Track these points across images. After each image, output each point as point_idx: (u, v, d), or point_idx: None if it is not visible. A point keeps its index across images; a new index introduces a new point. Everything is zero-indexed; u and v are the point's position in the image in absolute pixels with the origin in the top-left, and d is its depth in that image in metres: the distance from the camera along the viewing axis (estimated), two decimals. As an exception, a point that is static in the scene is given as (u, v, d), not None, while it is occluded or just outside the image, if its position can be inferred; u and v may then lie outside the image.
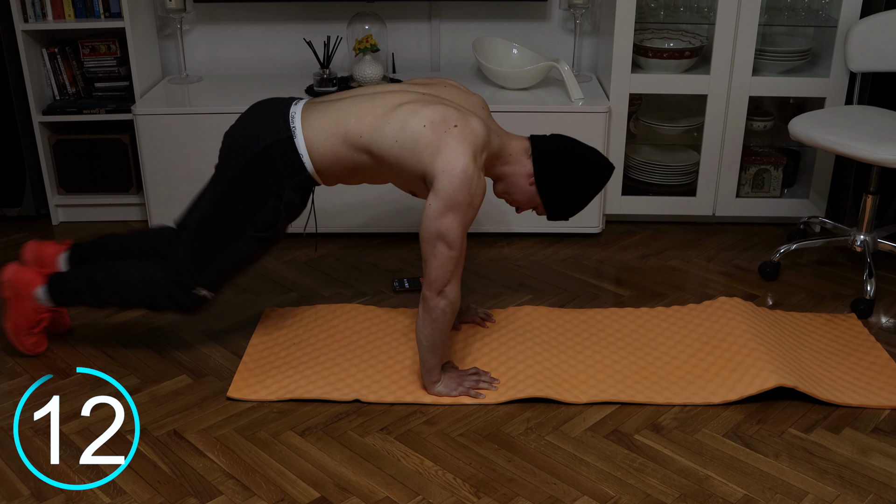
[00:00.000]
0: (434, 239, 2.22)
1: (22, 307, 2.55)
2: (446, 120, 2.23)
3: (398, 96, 2.33)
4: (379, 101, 2.32)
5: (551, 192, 2.40)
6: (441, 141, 2.21)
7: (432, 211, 2.21)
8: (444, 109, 2.26)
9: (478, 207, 2.24)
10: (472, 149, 2.22)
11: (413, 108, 2.26)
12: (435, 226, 2.21)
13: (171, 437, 2.29)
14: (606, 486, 2.10)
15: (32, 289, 2.54)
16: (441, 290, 2.26)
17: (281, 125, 2.33)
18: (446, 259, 2.23)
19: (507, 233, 3.41)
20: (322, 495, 2.08)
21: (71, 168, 3.49)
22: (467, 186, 2.19)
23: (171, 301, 2.47)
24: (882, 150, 2.69)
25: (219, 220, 2.40)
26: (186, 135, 3.24)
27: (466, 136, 2.22)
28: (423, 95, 2.35)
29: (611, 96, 3.30)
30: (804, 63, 3.36)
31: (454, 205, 2.19)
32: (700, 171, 3.40)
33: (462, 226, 2.22)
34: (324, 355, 2.61)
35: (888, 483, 2.10)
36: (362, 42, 3.36)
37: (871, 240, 3.03)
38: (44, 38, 3.45)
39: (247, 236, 2.39)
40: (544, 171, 2.38)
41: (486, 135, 2.28)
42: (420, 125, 2.23)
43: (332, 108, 2.34)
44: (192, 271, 2.44)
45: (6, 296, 2.56)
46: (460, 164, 2.19)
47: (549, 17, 3.60)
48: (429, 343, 2.33)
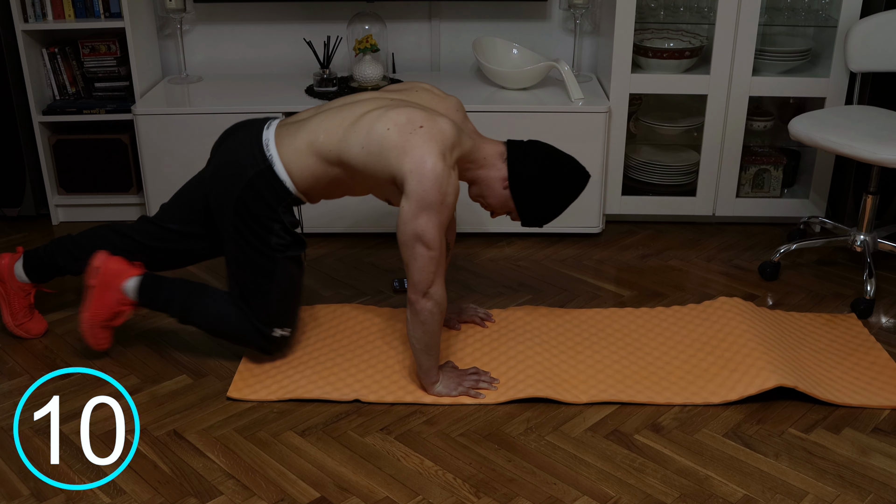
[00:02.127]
0: (412, 241, 2.22)
1: (107, 297, 2.53)
2: (412, 121, 2.24)
3: (366, 104, 2.34)
4: (347, 112, 2.34)
5: (525, 197, 2.40)
6: (406, 142, 2.21)
7: (406, 213, 2.21)
8: (410, 111, 2.26)
9: (452, 205, 2.24)
10: (440, 147, 2.21)
11: (378, 114, 2.27)
12: (411, 228, 2.21)
13: (171, 437, 2.29)
14: (606, 486, 2.10)
15: (122, 280, 2.53)
16: (426, 291, 2.26)
17: (257, 155, 2.36)
18: (426, 260, 2.23)
19: (507, 233, 3.41)
20: (322, 495, 2.08)
21: (71, 168, 3.49)
22: (438, 185, 2.19)
23: (259, 348, 2.52)
24: (882, 150, 2.69)
25: (249, 266, 2.42)
26: (186, 135, 3.24)
27: (434, 136, 2.22)
28: (392, 101, 2.35)
29: (611, 96, 3.30)
30: (804, 63, 3.36)
31: (427, 204, 2.19)
32: (700, 171, 3.40)
33: (437, 225, 2.22)
34: (324, 355, 2.61)
35: (888, 483, 2.10)
36: (362, 42, 3.36)
37: (871, 240, 3.03)
38: (44, 38, 3.45)
39: (279, 260, 2.41)
40: (519, 176, 2.38)
41: (455, 134, 2.27)
42: (384, 128, 2.24)
43: (303, 128, 2.36)
44: (260, 318, 2.46)
45: (92, 283, 2.53)
46: (429, 163, 2.19)
47: (549, 17, 3.60)
48: (422, 346, 2.33)
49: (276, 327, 2.47)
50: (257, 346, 2.51)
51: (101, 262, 2.53)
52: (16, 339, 2.74)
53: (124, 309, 2.55)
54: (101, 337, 2.57)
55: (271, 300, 2.43)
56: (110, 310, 2.54)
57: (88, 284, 2.54)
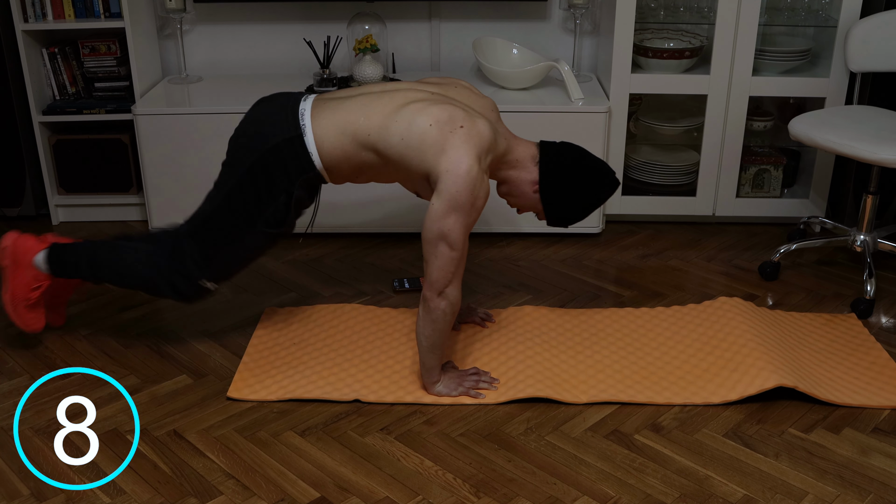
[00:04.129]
0: (436, 239, 2.22)
1: (20, 275, 2.53)
2: (453, 120, 2.24)
3: (407, 94, 2.33)
4: (388, 98, 2.32)
5: (554, 201, 2.41)
6: (446, 141, 2.21)
7: (435, 211, 2.21)
8: (452, 109, 2.26)
9: (481, 209, 2.24)
10: (477, 150, 2.22)
11: (420, 107, 2.26)
12: (437, 226, 2.21)
13: (171, 437, 2.29)
14: (606, 486, 2.10)
15: (32, 256, 2.52)
16: (442, 290, 2.26)
17: (291, 122, 2.33)
18: (448, 260, 2.23)
19: (507, 233, 3.41)
20: (322, 495, 2.08)
21: (71, 168, 3.49)
22: (471, 188, 2.19)
23: (172, 289, 2.48)
24: (882, 150, 2.70)
25: (229, 216, 2.41)
26: (186, 135, 3.24)
27: (472, 138, 2.22)
28: (433, 94, 2.35)
29: (611, 96, 3.30)
30: (804, 63, 3.37)
31: (457, 205, 2.19)
32: (700, 171, 3.40)
33: (464, 227, 2.22)
34: (324, 355, 2.61)
35: (888, 483, 2.10)
36: (362, 42, 3.36)
37: (871, 240, 3.03)
38: (44, 38, 3.45)
39: (257, 231, 2.41)
40: (549, 181, 2.38)
41: (492, 137, 2.27)
42: (426, 124, 2.23)
43: (342, 106, 2.34)
44: (198, 263, 2.45)
45: (5, 264, 2.54)
46: (465, 165, 2.19)
47: (549, 17, 3.60)
48: (429, 344, 2.33)
49: (209, 279, 2.47)
50: (173, 291, 2.47)
51: (10, 241, 2.54)
52: (16, 339, 2.74)
53: (41, 284, 2.55)
54: (28, 318, 2.57)
55: (221, 256, 2.43)
56: (27, 287, 2.54)
57: (2, 265, 2.55)
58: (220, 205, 2.42)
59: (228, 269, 2.49)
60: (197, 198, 3.31)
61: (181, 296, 2.50)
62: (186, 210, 3.33)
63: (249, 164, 2.36)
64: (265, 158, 2.34)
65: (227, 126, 3.22)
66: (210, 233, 2.43)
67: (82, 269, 2.52)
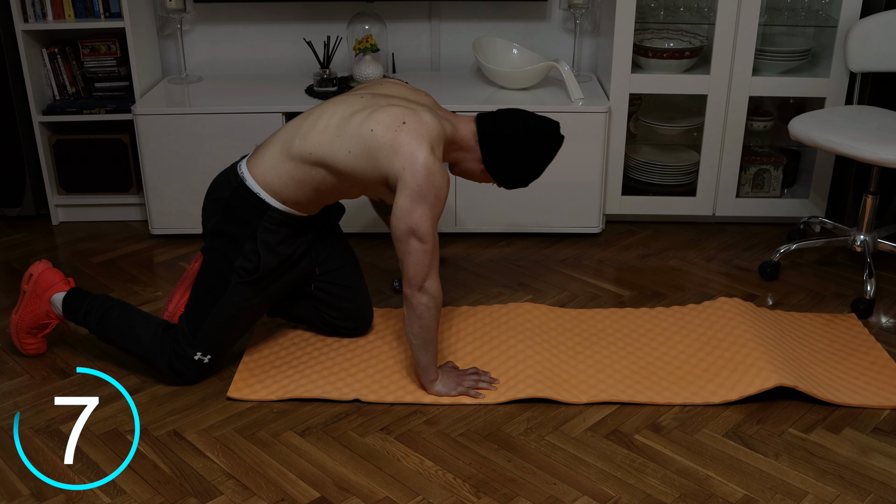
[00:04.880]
0: (406, 236, 2.23)
1: (34, 306, 2.55)
2: (395, 119, 2.25)
3: (343, 107, 2.33)
4: (323, 116, 2.33)
5: (503, 172, 2.43)
6: (394, 140, 2.23)
7: (400, 208, 2.22)
8: (391, 110, 2.27)
9: (444, 199, 2.26)
10: (427, 141, 2.24)
11: (362, 117, 2.28)
12: (405, 222, 2.22)
13: (171, 437, 2.29)
14: (606, 486, 2.10)
15: (52, 292, 2.55)
16: (421, 285, 2.27)
17: (231, 178, 2.39)
18: (420, 254, 2.24)
19: (507, 233, 3.41)
20: (322, 495, 2.08)
21: (71, 168, 3.49)
22: (430, 178, 2.21)
23: (169, 367, 2.45)
24: (882, 150, 2.69)
25: (205, 279, 2.43)
26: (186, 135, 3.24)
27: (419, 131, 2.24)
28: (370, 99, 2.35)
29: (611, 96, 3.30)
30: (804, 63, 3.36)
31: (420, 198, 2.21)
32: (700, 171, 3.40)
33: (431, 218, 2.23)
34: (324, 355, 2.61)
35: (888, 483, 2.10)
36: (362, 42, 3.36)
37: (871, 240, 3.02)
38: (44, 38, 3.45)
39: (233, 285, 2.39)
40: (493, 156, 2.40)
41: (438, 125, 2.29)
42: (368, 130, 2.25)
43: (272, 142, 2.39)
44: (188, 337, 2.43)
45: (25, 289, 2.57)
46: (420, 159, 2.21)
47: (549, 17, 3.60)
48: (419, 341, 2.33)
49: (199, 351, 2.43)
50: (167, 364, 2.44)
51: (39, 271, 2.57)
52: (16, 339, 2.74)
53: (50, 321, 2.57)
54: (26, 343, 2.60)
55: (207, 322, 2.41)
56: (36, 319, 2.56)
57: (22, 289, 2.58)
58: (198, 272, 2.46)
59: (218, 337, 2.44)
60: (197, 198, 3.31)
61: (176, 373, 2.46)
62: (186, 210, 3.34)
63: (210, 229, 2.40)
64: (223, 218, 2.38)
65: (227, 126, 3.22)
66: (194, 302, 2.44)
67: (91, 320, 2.51)
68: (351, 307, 2.64)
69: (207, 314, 2.40)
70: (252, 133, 3.18)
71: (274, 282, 2.45)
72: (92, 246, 3.37)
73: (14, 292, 3.02)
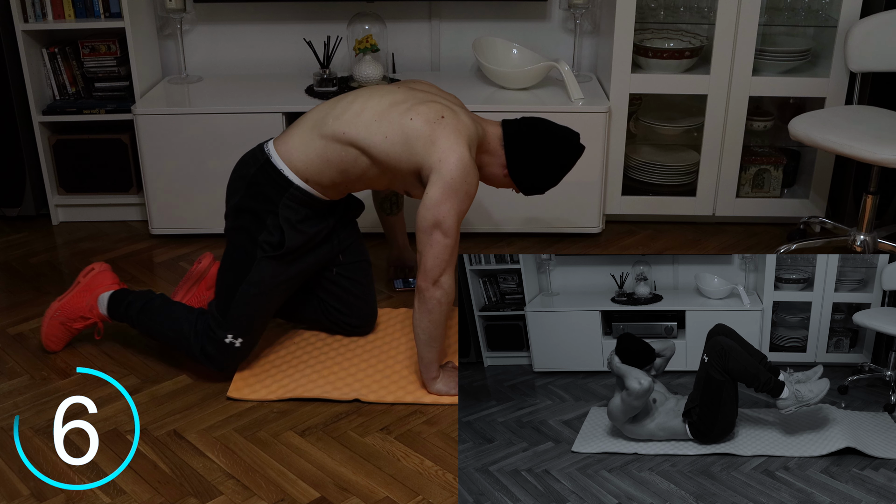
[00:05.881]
0: (431, 227, 2.23)
1: (81, 298, 2.57)
2: (436, 112, 2.27)
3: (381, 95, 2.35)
4: (355, 100, 2.35)
5: (524, 178, 2.44)
6: (434, 132, 2.24)
7: (430, 199, 2.22)
8: (433, 105, 2.30)
9: (473, 197, 2.26)
10: (465, 139, 2.25)
11: (404, 108, 2.29)
12: (432, 214, 2.22)
13: (171, 437, 2.29)
14: (606, 486, 2.09)
15: (102, 290, 2.57)
16: (437, 279, 2.27)
17: (258, 155, 2.41)
18: (442, 248, 2.24)
19: (507, 233, 3.41)
20: (322, 495, 2.08)
21: (71, 168, 3.49)
22: (464, 175, 2.22)
23: (202, 353, 2.45)
24: (882, 150, 2.70)
25: (231, 258, 2.43)
26: (186, 135, 3.24)
27: (458, 127, 2.26)
28: (408, 92, 2.37)
29: (611, 96, 3.30)
30: (804, 63, 3.36)
31: (451, 192, 2.21)
32: (700, 171, 3.40)
33: (458, 214, 2.23)
34: (324, 355, 2.61)
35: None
36: (362, 42, 3.36)
37: (871, 240, 3.03)
38: (44, 38, 3.45)
39: (258, 260, 2.39)
40: (516, 161, 2.41)
41: (474, 127, 2.32)
42: (408, 119, 2.26)
43: (301, 122, 2.41)
44: (217, 319, 2.43)
45: (80, 280, 2.60)
46: (457, 153, 2.22)
47: (549, 17, 3.60)
48: (426, 336, 2.33)
49: (230, 333, 2.42)
50: (200, 349, 2.43)
51: (99, 269, 2.61)
52: (15, 339, 2.74)
53: (90, 318, 2.58)
54: (54, 332, 2.60)
55: (235, 301, 2.40)
56: (77, 311, 2.57)
57: (77, 279, 2.61)
58: (224, 254, 2.46)
59: (247, 318, 2.43)
60: (197, 198, 3.31)
61: (208, 357, 2.45)
62: (186, 210, 3.34)
63: (235, 205, 2.41)
64: (246, 194, 2.39)
65: (227, 126, 3.22)
66: (221, 282, 2.44)
67: (133, 309, 2.52)
68: (359, 304, 2.65)
69: (235, 293, 2.40)
70: (252, 133, 3.18)
71: (298, 260, 2.45)
72: (92, 246, 3.37)
73: (14, 292, 3.03)
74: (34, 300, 2.97)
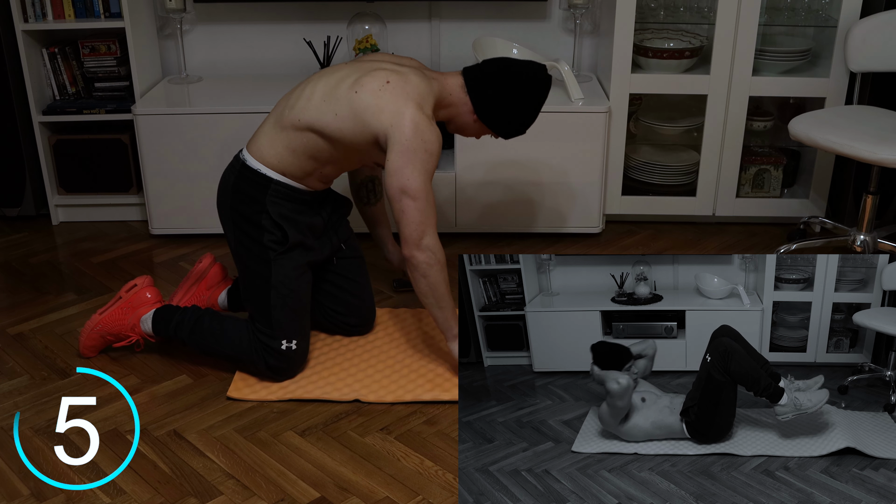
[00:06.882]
0: (398, 195, 2.25)
1: (123, 315, 2.56)
2: (378, 80, 2.28)
3: (329, 75, 2.37)
4: (306, 87, 2.38)
5: (496, 120, 2.43)
6: (380, 100, 2.26)
7: (390, 166, 2.24)
8: (377, 73, 2.30)
9: (436, 155, 2.27)
10: (413, 99, 2.26)
11: (350, 82, 2.31)
12: (396, 180, 2.24)
13: (171, 437, 2.29)
14: (606, 486, 2.09)
15: (144, 310, 2.56)
16: (418, 243, 2.28)
17: (234, 163, 2.45)
18: (414, 211, 2.25)
19: (507, 233, 3.41)
20: (322, 495, 2.08)
21: (71, 168, 3.49)
22: (418, 133, 2.23)
23: (269, 369, 2.45)
24: (882, 150, 2.70)
25: (249, 270, 2.44)
26: (186, 135, 3.24)
27: (405, 89, 2.27)
28: (355, 65, 2.38)
29: (611, 96, 3.30)
30: (804, 63, 3.36)
31: (410, 154, 2.22)
32: (700, 171, 3.40)
33: (423, 174, 2.24)
34: (324, 355, 2.61)
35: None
36: (362, 42, 3.36)
37: (871, 240, 3.03)
38: (44, 38, 3.45)
39: (273, 261, 2.40)
40: (483, 104, 2.40)
41: (424, 82, 2.32)
42: (353, 92, 2.28)
43: (265, 121, 2.45)
44: (265, 330, 2.43)
45: (122, 295, 2.58)
46: (407, 115, 2.23)
47: (549, 17, 3.60)
48: (431, 300, 2.35)
49: (283, 339, 2.43)
50: (265, 365, 2.44)
51: (142, 284, 2.60)
52: (16, 339, 2.74)
53: (132, 336, 2.57)
54: (92, 343, 2.59)
55: (272, 307, 2.41)
56: (120, 328, 2.56)
57: (119, 294, 2.59)
58: (239, 269, 2.48)
59: (290, 318, 2.43)
60: (197, 198, 3.31)
61: (277, 371, 2.45)
62: (186, 210, 3.34)
63: (229, 217, 2.42)
64: (234, 202, 2.41)
65: (227, 126, 3.22)
66: (251, 296, 2.45)
67: (183, 330, 2.51)
68: (357, 302, 2.65)
69: (268, 300, 2.41)
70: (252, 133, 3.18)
71: (308, 249, 2.46)
72: (92, 246, 3.37)
73: (14, 292, 3.03)
74: (34, 300, 2.97)
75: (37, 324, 2.81)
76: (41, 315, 2.87)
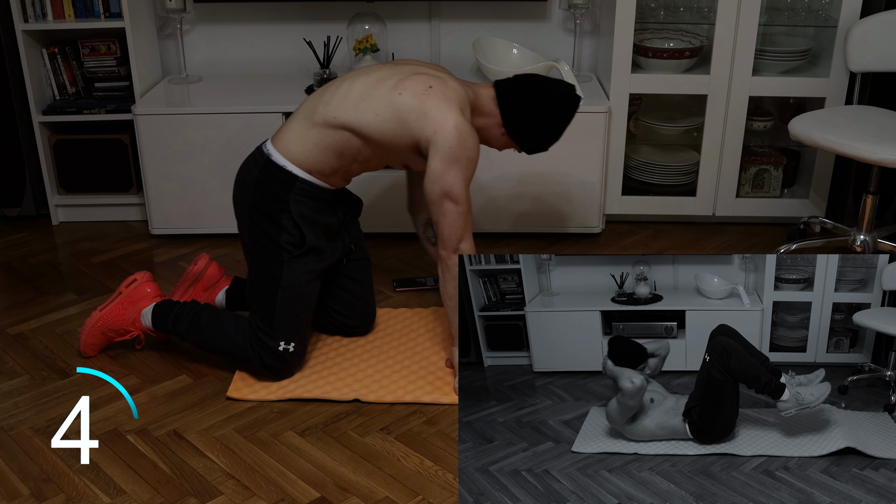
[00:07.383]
0: (440, 199, 2.26)
1: (124, 310, 2.56)
2: (422, 84, 2.29)
3: (367, 75, 2.37)
4: (341, 85, 2.37)
5: (523, 136, 2.44)
6: (424, 104, 2.26)
7: (433, 171, 2.25)
8: (418, 77, 2.31)
9: (475, 161, 2.29)
10: (456, 104, 2.27)
11: (391, 83, 2.31)
12: (438, 186, 2.25)
13: (171, 437, 2.29)
14: (606, 486, 2.09)
15: (144, 304, 2.56)
16: (456, 246, 2.31)
17: (258, 157, 2.42)
18: (455, 215, 2.28)
19: (507, 233, 3.41)
20: (322, 495, 2.08)
21: (71, 168, 3.49)
22: (462, 140, 2.24)
23: (264, 366, 2.45)
24: (882, 150, 2.70)
25: (259, 268, 2.43)
26: (186, 135, 3.24)
27: (447, 94, 2.28)
28: (393, 68, 2.38)
29: (611, 96, 3.30)
30: (804, 63, 3.36)
31: (453, 161, 2.24)
32: (700, 171, 3.40)
33: (464, 180, 2.26)
34: (324, 355, 2.61)
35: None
36: (362, 42, 3.36)
37: (871, 240, 3.03)
38: (44, 38, 3.45)
39: (286, 263, 2.39)
40: (512, 119, 2.41)
41: (464, 91, 2.33)
42: (397, 94, 2.28)
43: (294, 117, 2.43)
44: (265, 330, 2.43)
45: (122, 290, 2.58)
46: (451, 121, 2.24)
47: (549, 17, 3.60)
48: (454, 303, 2.37)
49: (281, 340, 2.43)
50: (261, 363, 2.45)
51: (142, 279, 2.60)
52: (16, 339, 2.74)
53: (131, 331, 2.57)
54: (94, 341, 2.59)
55: (276, 308, 2.41)
56: (120, 324, 2.56)
57: (119, 290, 2.59)
58: (249, 264, 2.47)
59: (293, 321, 2.44)
60: (197, 198, 3.31)
61: (272, 370, 2.46)
62: (186, 210, 3.34)
63: (247, 212, 2.41)
64: (255, 197, 2.39)
65: (227, 126, 3.22)
66: (257, 294, 2.44)
67: (181, 324, 2.51)
68: (359, 304, 2.65)
69: (274, 301, 2.41)
70: (252, 133, 3.18)
71: (322, 253, 2.46)
72: (92, 246, 3.37)
73: (14, 292, 3.03)
74: (34, 300, 2.97)
75: (37, 324, 2.82)
76: (41, 315, 2.87)
